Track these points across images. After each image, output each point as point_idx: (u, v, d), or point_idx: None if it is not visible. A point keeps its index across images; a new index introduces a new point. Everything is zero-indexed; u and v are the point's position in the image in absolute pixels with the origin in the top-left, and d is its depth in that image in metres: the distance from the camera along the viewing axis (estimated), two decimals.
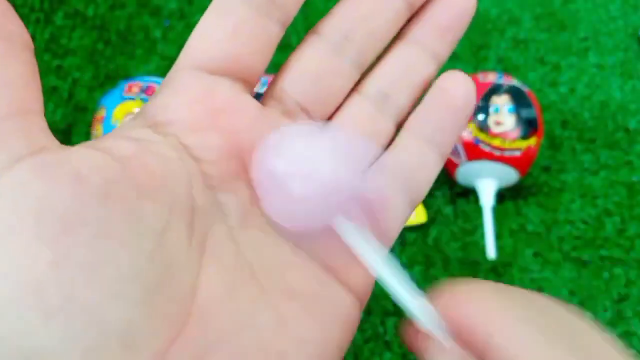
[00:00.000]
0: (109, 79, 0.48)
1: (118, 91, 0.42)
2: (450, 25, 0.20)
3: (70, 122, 0.46)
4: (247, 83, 0.18)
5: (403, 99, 0.20)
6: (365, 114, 0.20)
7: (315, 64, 0.19)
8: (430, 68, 0.20)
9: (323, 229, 0.18)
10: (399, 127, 0.20)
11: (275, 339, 0.16)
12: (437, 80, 0.20)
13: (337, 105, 0.20)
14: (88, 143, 0.15)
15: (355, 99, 0.20)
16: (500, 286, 0.16)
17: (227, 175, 0.17)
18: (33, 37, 0.49)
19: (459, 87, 0.20)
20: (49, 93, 0.47)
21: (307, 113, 0.19)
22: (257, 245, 0.17)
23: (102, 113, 0.41)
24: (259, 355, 0.15)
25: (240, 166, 0.17)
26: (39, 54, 0.49)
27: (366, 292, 0.18)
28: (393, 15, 0.19)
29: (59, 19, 0.51)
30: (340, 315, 0.17)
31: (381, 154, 0.20)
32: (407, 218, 0.20)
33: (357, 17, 0.19)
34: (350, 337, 0.17)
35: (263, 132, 0.17)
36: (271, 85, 0.19)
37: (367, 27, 0.19)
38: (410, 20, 0.20)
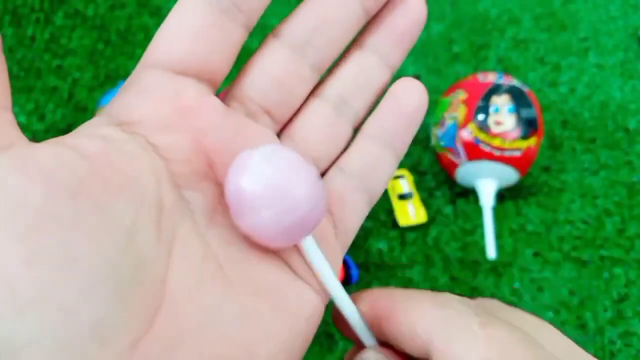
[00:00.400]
0: (109, 79, 0.48)
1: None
2: (405, 32, 0.21)
3: (70, 122, 0.46)
4: (212, 84, 0.18)
5: (360, 104, 0.21)
6: (325, 118, 0.20)
7: (277, 67, 0.19)
8: (386, 74, 0.21)
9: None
10: (356, 130, 0.21)
11: (243, 332, 0.16)
12: (391, 87, 0.21)
13: (297, 108, 0.20)
14: (56, 140, 0.15)
15: (315, 102, 0.20)
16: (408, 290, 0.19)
17: (194, 174, 0.17)
18: (33, 37, 0.50)
19: (411, 94, 0.21)
20: (49, 93, 0.47)
21: (270, 115, 0.19)
22: (223, 242, 0.17)
23: None
24: (226, 348, 0.16)
25: (207, 165, 0.18)
26: (39, 54, 0.49)
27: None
28: (351, 20, 0.20)
29: (59, 19, 0.51)
30: (304, 310, 0.18)
31: (340, 156, 0.21)
32: (364, 216, 0.21)
33: (317, 21, 0.20)
34: (314, 331, 0.18)
35: (229, 132, 0.18)
36: (233, 86, 0.20)
37: (327, 31, 0.20)
38: (367, 26, 0.21)
